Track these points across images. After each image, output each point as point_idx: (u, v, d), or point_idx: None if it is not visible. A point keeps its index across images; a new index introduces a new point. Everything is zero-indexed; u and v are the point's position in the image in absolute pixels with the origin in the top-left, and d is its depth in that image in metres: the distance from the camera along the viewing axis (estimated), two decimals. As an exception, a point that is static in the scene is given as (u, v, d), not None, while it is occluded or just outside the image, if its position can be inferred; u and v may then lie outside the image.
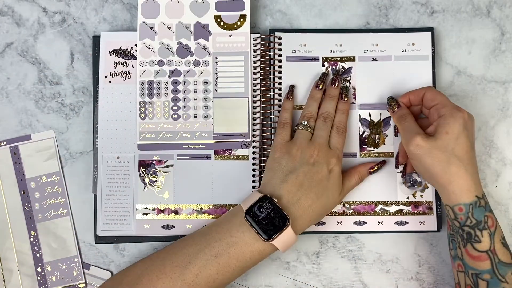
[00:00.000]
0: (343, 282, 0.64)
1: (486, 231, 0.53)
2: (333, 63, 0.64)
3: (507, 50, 0.66)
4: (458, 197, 0.54)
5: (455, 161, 0.54)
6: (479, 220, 0.54)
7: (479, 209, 0.54)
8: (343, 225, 0.63)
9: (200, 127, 0.63)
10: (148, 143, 0.63)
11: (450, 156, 0.54)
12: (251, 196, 0.55)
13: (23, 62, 0.65)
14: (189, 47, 0.63)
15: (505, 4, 0.66)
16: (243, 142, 0.63)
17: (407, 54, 0.64)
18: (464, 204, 0.54)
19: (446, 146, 0.54)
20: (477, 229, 0.54)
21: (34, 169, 0.64)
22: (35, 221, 0.63)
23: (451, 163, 0.54)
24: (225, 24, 0.63)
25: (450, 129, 0.54)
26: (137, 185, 0.63)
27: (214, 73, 0.63)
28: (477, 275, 0.54)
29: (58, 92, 0.65)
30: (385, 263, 0.64)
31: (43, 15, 0.65)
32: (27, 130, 0.64)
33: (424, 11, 0.66)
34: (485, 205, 0.54)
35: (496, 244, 0.53)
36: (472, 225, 0.54)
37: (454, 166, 0.54)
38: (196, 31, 0.63)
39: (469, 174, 0.54)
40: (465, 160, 0.54)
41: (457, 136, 0.54)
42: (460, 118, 0.55)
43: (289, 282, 0.64)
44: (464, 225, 0.54)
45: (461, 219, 0.54)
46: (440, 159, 0.54)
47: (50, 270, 0.63)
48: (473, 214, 0.54)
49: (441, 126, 0.55)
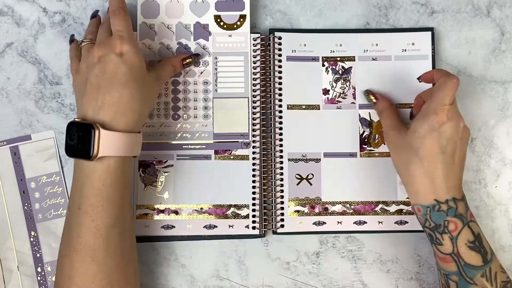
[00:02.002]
0: (343, 282, 0.64)
1: (447, 235, 0.53)
2: (333, 63, 0.65)
3: (507, 50, 0.66)
4: (417, 197, 0.54)
5: (416, 161, 0.54)
6: (437, 223, 0.53)
7: (437, 213, 0.53)
8: (343, 225, 0.63)
9: (200, 127, 0.63)
10: (148, 142, 0.63)
11: (412, 155, 0.54)
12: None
13: (23, 62, 0.65)
14: (189, 47, 0.64)
15: (505, 4, 0.66)
16: (243, 142, 0.63)
17: (407, 54, 0.65)
18: (421, 205, 0.54)
19: (411, 145, 0.54)
20: (437, 232, 0.53)
21: (34, 169, 0.64)
22: (35, 221, 0.63)
23: (412, 162, 0.54)
24: (225, 24, 0.63)
25: (418, 129, 0.54)
26: (137, 185, 0.63)
27: (214, 73, 0.63)
28: (446, 275, 0.54)
29: (58, 92, 0.65)
30: (385, 263, 0.64)
31: (43, 15, 0.65)
32: (27, 130, 0.64)
33: (424, 11, 0.66)
34: (447, 210, 0.53)
35: (460, 248, 0.53)
36: (431, 228, 0.54)
37: (413, 166, 0.54)
38: (196, 31, 0.64)
39: (429, 177, 0.53)
40: (427, 162, 0.53)
41: (424, 136, 0.53)
42: (432, 121, 0.53)
43: (289, 282, 0.64)
44: (424, 226, 0.55)
45: (421, 219, 0.55)
46: (403, 156, 0.55)
47: (50, 270, 0.63)
48: (431, 217, 0.53)
49: (413, 124, 0.55)
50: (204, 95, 0.63)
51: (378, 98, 0.61)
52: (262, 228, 0.63)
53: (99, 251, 0.51)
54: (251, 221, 0.63)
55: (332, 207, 0.63)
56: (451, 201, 0.53)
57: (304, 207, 0.63)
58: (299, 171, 0.64)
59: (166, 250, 0.63)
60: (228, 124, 0.63)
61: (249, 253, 0.64)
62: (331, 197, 0.63)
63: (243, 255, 0.64)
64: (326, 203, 0.63)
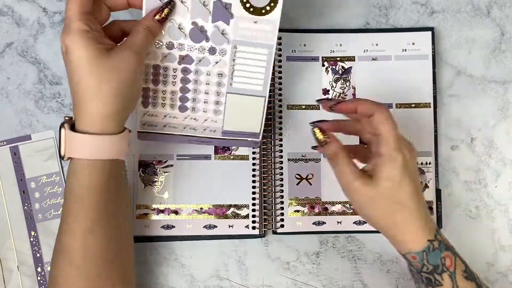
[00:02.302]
0: (343, 282, 0.64)
1: (446, 273, 0.49)
2: (333, 63, 0.65)
3: (507, 50, 0.66)
4: (409, 246, 0.49)
5: (399, 209, 0.49)
6: (436, 265, 0.49)
7: (433, 253, 0.49)
8: (343, 225, 0.63)
9: (209, 122, 0.57)
10: (149, 132, 0.57)
11: (393, 204, 0.49)
12: None
13: (23, 62, 0.65)
14: (205, 30, 0.53)
15: (505, 4, 0.66)
16: (253, 141, 0.59)
17: (407, 53, 0.65)
18: (416, 252, 0.49)
19: (387, 194, 0.48)
20: (436, 274, 0.49)
21: (34, 169, 0.64)
22: (35, 221, 0.63)
23: (395, 212, 0.49)
24: (251, 7, 0.52)
25: (389, 175, 0.48)
26: (137, 185, 0.63)
27: (231, 65, 0.54)
28: None
29: (58, 92, 0.65)
30: (385, 263, 0.64)
31: (43, 15, 0.65)
32: (27, 130, 0.64)
33: (424, 11, 0.66)
34: (439, 246, 0.49)
35: (458, 282, 0.49)
36: (430, 271, 0.49)
37: (399, 215, 0.49)
38: (215, 11, 0.52)
39: (417, 220, 0.49)
40: (410, 206, 0.49)
41: (399, 181, 0.48)
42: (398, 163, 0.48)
43: (289, 282, 0.64)
44: (421, 271, 0.50)
45: (417, 266, 0.50)
46: (382, 208, 0.49)
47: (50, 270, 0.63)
48: (428, 260, 0.49)
49: (380, 170, 0.48)
50: (217, 89, 0.56)
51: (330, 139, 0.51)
52: (262, 228, 0.63)
53: (76, 255, 0.48)
54: (251, 221, 0.63)
55: (332, 207, 0.63)
56: (437, 235, 0.50)
57: (304, 207, 0.63)
58: (299, 171, 0.64)
59: (166, 250, 0.63)
60: (239, 122, 0.57)
61: (249, 253, 0.64)
62: (331, 197, 0.63)
63: (243, 255, 0.64)
64: (326, 203, 0.63)
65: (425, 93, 0.64)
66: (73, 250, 0.48)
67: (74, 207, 0.49)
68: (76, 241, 0.48)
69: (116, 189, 0.51)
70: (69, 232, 0.49)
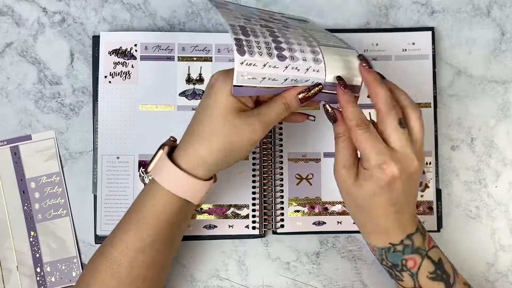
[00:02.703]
0: (343, 282, 0.64)
1: (406, 272, 0.50)
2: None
3: (507, 50, 0.66)
4: (370, 239, 0.51)
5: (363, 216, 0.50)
6: (395, 263, 0.50)
7: (394, 254, 0.49)
8: (343, 225, 0.63)
9: (311, 73, 0.49)
10: (246, 86, 0.48)
11: (360, 208, 0.49)
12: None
13: (23, 62, 0.65)
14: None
15: (505, 4, 0.66)
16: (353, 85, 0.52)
17: (407, 53, 0.64)
18: (376, 247, 0.50)
19: (358, 199, 0.48)
20: (396, 270, 0.50)
21: (34, 169, 0.64)
22: (35, 221, 0.63)
23: (359, 213, 0.50)
24: None
25: (366, 186, 0.47)
26: (137, 185, 0.63)
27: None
28: None
29: (58, 92, 0.65)
30: (385, 263, 0.64)
31: (43, 15, 0.65)
32: (26, 130, 0.64)
33: (424, 11, 0.66)
34: (403, 250, 0.49)
35: (421, 281, 0.50)
36: (389, 266, 0.51)
37: (363, 218, 0.50)
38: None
39: (381, 228, 0.49)
40: (375, 217, 0.49)
41: (373, 195, 0.47)
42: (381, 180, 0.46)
43: (289, 282, 0.64)
44: (381, 263, 0.52)
45: (378, 258, 0.52)
46: (350, 205, 0.50)
47: (49, 271, 0.63)
48: (387, 258, 0.50)
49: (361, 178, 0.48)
50: (306, 38, 0.51)
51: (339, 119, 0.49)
52: (262, 228, 0.63)
53: (122, 269, 0.50)
54: (251, 221, 0.63)
55: (332, 207, 0.63)
56: (406, 240, 0.49)
57: (304, 207, 0.63)
58: (299, 171, 0.64)
59: (166, 250, 0.63)
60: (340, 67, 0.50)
61: (249, 253, 0.64)
62: (331, 197, 0.63)
63: (243, 255, 0.64)
64: (326, 203, 0.63)
65: (425, 93, 0.64)
66: (120, 263, 0.50)
67: (135, 225, 0.50)
68: (125, 257, 0.50)
69: (178, 226, 0.53)
70: (121, 246, 0.50)
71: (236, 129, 0.47)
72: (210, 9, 0.66)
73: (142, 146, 0.63)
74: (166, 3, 0.66)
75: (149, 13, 0.66)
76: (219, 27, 0.66)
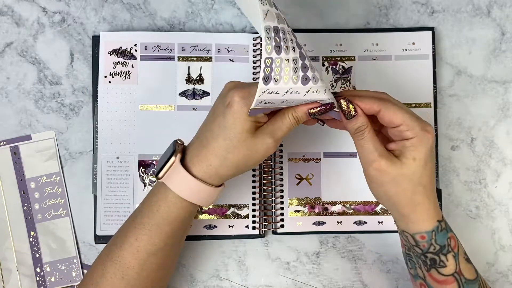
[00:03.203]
0: (343, 282, 0.64)
1: (451, 254, 0.50)
2: (333, 63, 0.64)
3: (507, 50, 0.66)
4: (420, 226, 0.50)
5: (421, 190, 0.49)
6: (442, 245, 0.50)
7: (441, 233, 0.50)
8: (343, 225, 0.63)
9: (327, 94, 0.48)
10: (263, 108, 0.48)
11: (416, 185, 0.49)
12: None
13: (23, 62, 0.65)
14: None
15: (505, 4, 0.66)
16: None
17: (407, 53, 0.64)
18: (426, 232, 0.50)
19: (413, 175, 0.48)
20: (441, 254, 0.50)
21: (34, 169, 0.64)
22: (35, 221, 0.63)
23: (416, 193, 0.49)
24: None
25: (418, 156, 0.48)
26: (137, 185, 0.63)
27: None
28: None
29: (58, 92, 0.65)
30: (385, 263, 0.64)
31: (43, 15, 0.65)
32: (26, 130, 0.64)
33: (424, 11, 0.66)
34: (446, 227, 0.50)
35: (461, 264, 0.50)
36: (436, 251, 0.50)
37: (419, 196, 0.49)
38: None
39: (432, 202, 0.50)
40: (429, 188, 0.49)
41: (425, 162, 0.48)
42: (429, 141, 0.48)
43: (289, 282, 0.64)
44: (427, 252, 0.50)
45: (424, 246, 0.50)
46: (405, 188, 0.49)
47: (49, 271, 0.63)
48: (436, 240, 0.50)
49: (408, 151, 0.48)
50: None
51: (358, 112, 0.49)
52: (262, 228, 0.63)
53: (131, 272, 0.50)
54: (251, 221, 0.63)
55: (332, 207, 0.63)
56: (443, 216, 0.51)
57: (304, 207, 0.63)
58: (299, 171, 0.64)
59: (166, 250, 0.63)
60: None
61: (249, 253, 0.64)
62: (331, 197, 0.63)
63: (243, 255, 0.64)
64: (326, 203, 0.63)
65: (425, 93, 0.64)
66: (130, 266, 0.50)
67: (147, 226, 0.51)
68: (136, 260, 0.50)
69: (186, 226, 0.54)
70: (131, 249, 0.50)
71: (251, 147, 0.49)
72: (210, 9, 0.66)
73: (142, 146, 0.63)
74: (166, 3, 0.66)
75: (149, 13, 0.66)
76: (219, 27, 0.66)
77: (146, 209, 0.51)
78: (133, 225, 0.52)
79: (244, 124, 0.48)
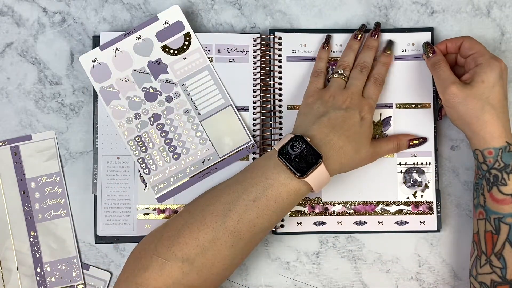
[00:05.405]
0: (343, 282, 0.64)
1: None
2: (333, 63, 0.64)
3: (507, 50, 0.66)
4: (489, 141, 0.56)
5: (489, 109, 0.56)
6: (507, 163, 0.56)
7: (508, 153, 0.56)
8: (343, 225, 0.63)
9: (204, 153, 0.62)
10: (166, 192, 0.62)
11: (485, 104, 0.56)
12: (284, 137, 0.56)
13: (23, 62, 0.65)
14: (154, 87, 0.62)
15: (505, 4, 0.66)
16: (248, 147, 0.63)
17: (407, 53, 0.64)
18: (494, 148, 0.56)
19: (481, 94, 0.56)
20: (504, 172, 0.56)
21: (34, 169, 0.64)
22: (35, 221, 0.63)
23: (485, 111, 0.56)
24: (175, 51, 0.63)
25: (486, 78, 0.56)
26: (138, 185, 0.63)
27: (189, 99, 0.63)
28: (499, 219, 0.56)
29: (58, 92, 0.65)
30: (385, 263, 0.64)
31: (43, 15, 0.65)
32: (27, 130, 0.64)
33: (424, 11, 0.66)
34: None
35: None
36: (500, 168, 0.56)
37: (487, 114, 0.56)
38: (152, 70, 0.62)
39: (501, 122, 0.56)
40: (498, 108, 0.56)
41: (493, 84, 0.56)
42: (497, 68, 0.56)
43: (289, 282, 0.64)
44: (492, 167, 0.56)
45: (490, 162, 0.57)
46: (474, 107, 0.56)
47: (49, 271, 0.63)
48: (502, 157, 0.56)
49: (478, 75, 0.57)
50: (191, 123, 0.63)
51: (436, 51, 0.61)
52: (262, 228, 0.63)
53: (242, 243, 0.54)
54: (251, 221, 0.63)
55: (332, 207, 0.63)
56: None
57: (304, 207, 0.63)
58: (299, 171, 0.64)
59: (166, 250, 0.63)
60: (225, 136, 0.63)
61: (249, 253, 0.64)
62: (331, 197, 0.63)
63: (243, 255, 0.64)
64: (326, 203, 0.63)
65: (425, 93, 0.64)
66: (242, 237, 0.54)
67: (271, 209, 0.54)
68: (250, 233, 0.54)
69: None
70: (249, 224, 0.54)
71: (365, 155, 0.59)
72: (210, 9, 0.66)
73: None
74: (166, 4, 0.66)
75: (149, 13, 0.66)
76: (219, 27, 0.66)
77: (273, 195, 0.54)
78: (255, 205, 0.54)
79: (370, 136, 0.59)
